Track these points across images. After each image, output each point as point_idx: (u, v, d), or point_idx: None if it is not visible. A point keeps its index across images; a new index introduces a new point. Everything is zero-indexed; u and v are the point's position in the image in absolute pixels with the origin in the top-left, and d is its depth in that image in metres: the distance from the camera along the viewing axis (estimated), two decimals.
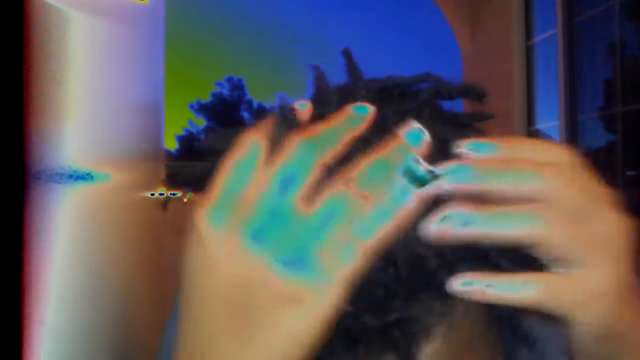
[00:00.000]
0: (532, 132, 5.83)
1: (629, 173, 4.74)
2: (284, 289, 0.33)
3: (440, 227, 0.36)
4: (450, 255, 0.37)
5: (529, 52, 5.97)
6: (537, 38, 5.90)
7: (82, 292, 0.80)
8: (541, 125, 5.86)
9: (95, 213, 0.84)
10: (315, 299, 0.33)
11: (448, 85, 0.42)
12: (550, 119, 5.65)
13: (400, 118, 0.38)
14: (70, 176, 0.76)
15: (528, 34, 5.98)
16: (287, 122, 0.38)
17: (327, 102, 0.40)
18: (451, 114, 0.43)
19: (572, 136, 5.33)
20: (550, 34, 5.59)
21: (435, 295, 0.38)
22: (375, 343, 0.38)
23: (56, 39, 0.71)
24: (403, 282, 0.37)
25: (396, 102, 0.41)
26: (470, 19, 6.78)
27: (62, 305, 0.74)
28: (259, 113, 0.45)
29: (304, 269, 0.33)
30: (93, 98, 0.85)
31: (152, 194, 1.25)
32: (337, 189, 0.34)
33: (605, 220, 0.37)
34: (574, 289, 0.36)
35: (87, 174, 0.81)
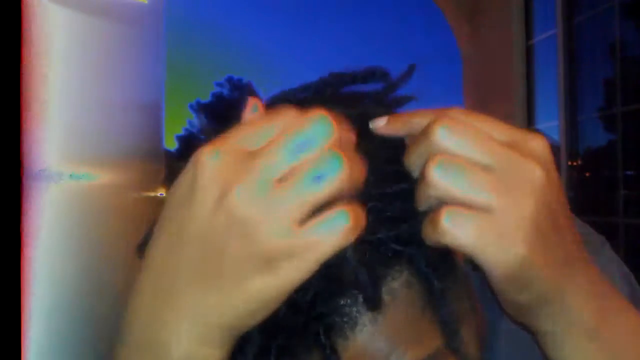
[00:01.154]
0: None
1: (629, 173, 4.74)
2: (261, 251, 0.33)
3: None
4: (368, 248, 0.38)
5: (529, 52, 5.97)
6: (537, 38, 5.90)
7: (80, 292, 0.80)
8: (541, 125, 5.86)
9: (94, 214, 0.84)
10: (289, 267, 0.34)
11: (350, 74, 0.44)
12: (550, 119, 5.65)
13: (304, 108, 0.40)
14: (70, 176, 0.76)
15: (528, 34, 5.98)
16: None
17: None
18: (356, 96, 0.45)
19: (572, 136, 5.33)
20: (550, 34, 5.59)
21: (358, 288, 0.39)
22: (299, 340, 0.39)
23: (55, 38, 0.71)
24: (326, 277, 0.37)
25: (301, 100, 0.43)
26: (470, 19, 6.78)
27: (60, 305, 0.73)
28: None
29: (284, 237, 0.33)
30: (93, 98, 0.84)
31: (153, 194, 1.25)
32: (330, 164, 0.34)
33: (513, 164, 0.37)
34: (481, 228, 0.36)
35: (86, 174, 0.81)
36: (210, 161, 0.35)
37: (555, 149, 5.37)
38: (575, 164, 5.30)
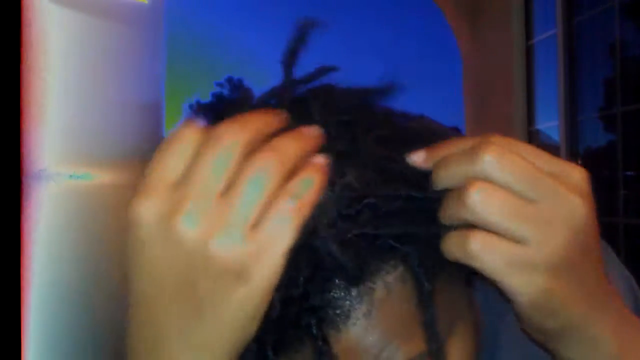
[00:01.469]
0: (532, 132, 5.83)
1: (629, 173, 4.74)
2: (225, 266, 0.34)
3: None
4: (358, 241, 0.38)
5: (529, 52, 5.97)
6: (537, 38, 5.90)
7: (78, 289, 0.80)
8: (541, 125, 5.86)
9: (93, 213, 0.84)
10: (257, 271, 0.34)
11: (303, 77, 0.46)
12: (550, 119, 5.65)
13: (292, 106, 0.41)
14: (70, 176, 0.76)
15: (528, 34, 5.97)
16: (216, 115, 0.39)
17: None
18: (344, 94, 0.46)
19: (572, 136, 5.33)
20: (550, 34, 5.59)
21: (350, 281, 0.39)
22: (292, 332, 0.39)
23: (54, 39, 0.71)
24: (315, 270, 0.38)
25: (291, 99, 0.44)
26: (470, 19, 6.78)
27: (59, 301, 0.73)
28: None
29: (241, 244, 0.34)
30: (92, 98, 0.84)
31: None
32: (259, 164, 0.35)
33: (556, 197, 0.37)
34: (510, 257, 0.36)
35: (86, 174, 0.81)
36: (144, 211, 0.35)
37: (554, 149, 5.38)
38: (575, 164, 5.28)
